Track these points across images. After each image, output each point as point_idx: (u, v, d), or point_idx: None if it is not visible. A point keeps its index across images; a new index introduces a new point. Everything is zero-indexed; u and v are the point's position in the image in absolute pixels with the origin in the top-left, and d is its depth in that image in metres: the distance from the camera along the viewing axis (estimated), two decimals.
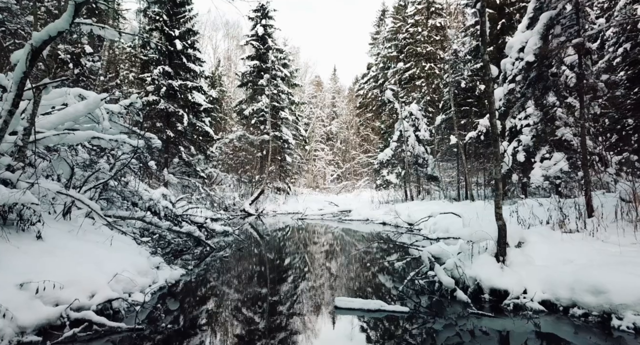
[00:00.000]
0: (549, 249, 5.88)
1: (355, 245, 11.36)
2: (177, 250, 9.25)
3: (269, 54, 25.36)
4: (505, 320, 4.56)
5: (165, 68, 18.22)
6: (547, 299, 4.77)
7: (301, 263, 8.30)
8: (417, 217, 14.21)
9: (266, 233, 14.43)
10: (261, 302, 5.46)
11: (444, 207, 15.42)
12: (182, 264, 7.58)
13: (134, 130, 7.93)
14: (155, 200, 10.22)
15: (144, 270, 5.55)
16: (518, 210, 8.31)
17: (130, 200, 9.62)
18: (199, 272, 7.15)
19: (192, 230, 8.77)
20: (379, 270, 7.54)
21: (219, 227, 12.18)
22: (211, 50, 47.36)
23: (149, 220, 7.82)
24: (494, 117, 5.65)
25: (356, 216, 18.42)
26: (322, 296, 5.74)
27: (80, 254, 5.01)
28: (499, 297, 5.06)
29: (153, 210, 10.34)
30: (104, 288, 4.38)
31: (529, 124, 12.68)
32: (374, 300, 4.96)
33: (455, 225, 8.88)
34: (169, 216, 10.85)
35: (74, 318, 3.89)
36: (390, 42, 33.87)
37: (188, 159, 18.86)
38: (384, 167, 21.06)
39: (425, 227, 13.17)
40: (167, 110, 18.03)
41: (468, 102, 17.25)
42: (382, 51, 36.18)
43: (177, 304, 5.22)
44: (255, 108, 24.27)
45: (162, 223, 8.21)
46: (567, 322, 4.43)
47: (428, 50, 28.75)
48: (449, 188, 19.56)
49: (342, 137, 47.18)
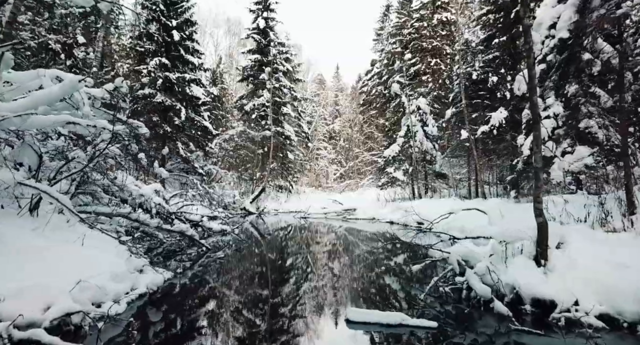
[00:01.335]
0: (595, 251, 5.01)
1: (363, 245, 10.52)
2: (171, 251, 8.44)
3: (271, 47, 24.55)
4: (557, 339, 3.70)
5: (162, 60, 17.41)
6: (606, 313, 3.91)
7: (304, 266, 7.47)
8: (427, 215, 13.36)
9: (267, 232, 13.61)
10: (258, 314, 4.63)
11: (456, 205, 14.55)
12: (173, 266, 6.77)
13: (118, 118, 7.12)
14: (147, 196, 9.43)
15: (121, 274, 4.72)
16: (548, 207, 7.44)
17: (120, 197, 8.84)
18: (190, 276, 6.32)
19: (185, 229, 7.95)
20: (392, 274, 6.69)
21: (217, 225, 11.36)
22: (212, 48, 46.65)
23: (135, 217, 7.00)
24: (534, 93, 4.80)
25: (361, 215, 17.57)
26: (331, 308, 4.88)
27: (40, 256, 4.19)
28: (544, 308, 4.20)
29: (145, 207, 9.60)
30: (63, 298, 3.55)
31: (548, 115, 11.80)
32: (394, 313, 4.12)
33: (474, 223, 8.01)
34: (162, 214, 10.05)
35: (17, 338, 3.07)
36: (394, 37, 33.04)
37: (186, 155, 18.05)
38: (390, 163, 20.19)
39: (438, 226, 12.34)
40: (164, 104, 17.21)
41: (480, 95, 16.35)
42: (387, 47, 35.44)
43: (158, 316, 4.39)
44: (256, 103, 23.45)
45: (151, 221, 7.39)
46: (636, 342, 3.57)
47: (434, 46, 27.94)
48: (458, 185, 18.67)
49: (346, 135, 46.33)
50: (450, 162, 20.19)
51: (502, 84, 15.88)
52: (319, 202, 21.55)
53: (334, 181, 43.65)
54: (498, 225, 5.65)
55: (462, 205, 9.18)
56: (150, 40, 17.84)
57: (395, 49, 32.06)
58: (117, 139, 7.07)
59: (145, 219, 7.22)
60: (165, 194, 10.62)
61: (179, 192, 11.38)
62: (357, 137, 44.21)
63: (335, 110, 53.24)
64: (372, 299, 5.25)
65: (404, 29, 30.96)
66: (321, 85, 57.35)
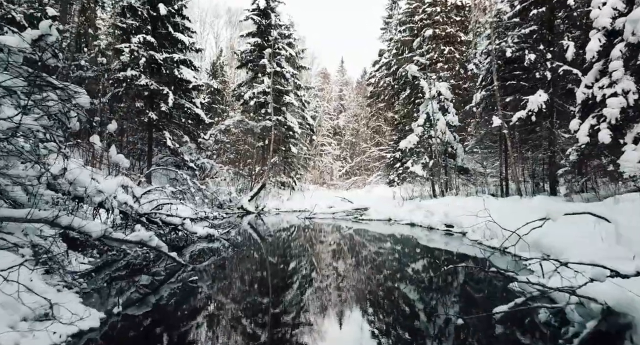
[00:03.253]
0: None
1: (396, 262, 8.28)
2: (136, 266, 6.24)
3: (272, 30, 22.29)
4: None
5: (146, 37, 15.18)
6: None
7: (318, 302, 5.18)
8: (457, 219, 11.12)
9: (267, 234, 11.37)
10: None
11: (488, 205, 12.28)
12: (127, 293, 4.58)
13: (45, 80, 4.91)
14: (108, 193, 7.27)
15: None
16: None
17: (74, 194, 6.69)
18: (138, 316, 4.08)
19: (146, 239, 5.70)
20: (460, 327, 4.43)
21: (203, 230, 9.15)
22: (212, 39, 44.56)
23: (65, 223, 4.75)
24: None
25: (375, 215, 15.30)
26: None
27: None
28: None
29: (105, 207, 7.44)
30: None
31: (615, 93, 9.52)
32: None
33: (578, 237, 5.23)
34: (130, 215, 7.88)
35: None
36: (404, 25, 30.80)
37: (174, 146, 15.85)
38: (407, 156, 17.86)
39: (471, 229, 10.10)
40: (148, 88, 15.01)
41: (514, 75, 14.03)
42: (396, 36, 33.27)
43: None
44: (256, 92, 21.19)
45: (93, 228, 5.15)
46: None
47: (447, 32, 25.73)
48: (485, 182, 16.37)
49: (351, 129, 44.13)
50: (473, 155, 17.89)
51: (540, 62, 13.57)
52: (326, 201, 19.30)
53: (339, 178, 41.54)
54: (629, 240, 3.40)
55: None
56: (134, 15, 15.62)
57: (405, 37, 29.90)
58: (43, 110, 4.85)
59: (83, 225, 4.99)
60: (136, 190, 8.42)
61: (153, 188, 9.15)
62: (364, 131, 41.95)
63: (339, 105, 51.08)
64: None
65: (414, 15, 28.78)
66: (325, 79, 55.23)
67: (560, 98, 13.60)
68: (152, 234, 5.84)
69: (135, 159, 18.26)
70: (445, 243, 9.49)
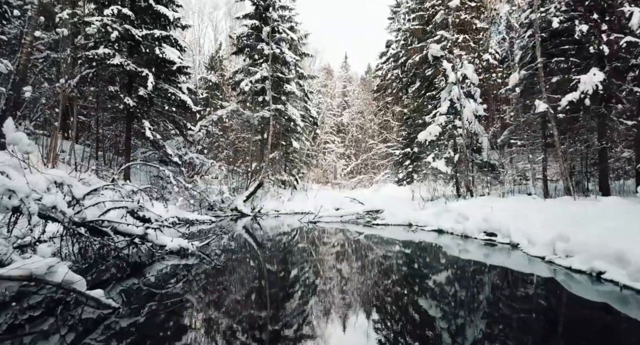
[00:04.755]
0: None
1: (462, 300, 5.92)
2: (51, 309, 3.92)
3: (272, 12, 19.94)
4: None
5: (122, 10, 12.86)
6: None
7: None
8: (498, 222, 8.79)
9: (261, 244, 8.99)
10: None
11: (541, 207, 9.92)
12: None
13: None
14: (23, 194, 4.99)
15: None
16: None
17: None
18: None
19: (40, 273, 3.34)
20: None
21: (173, 243, 6.79)
22: (211, 31, 42.38)
23: None
24: None
25: (391, 219, 12.95)
26: None
27: None
28: None
29: (22, 211, 5.18)
30: None
31: None
32: None
33: None
34: (62, 223, 5.56)
35: None
36: (414, 13, 28.51)
37: (154, 137, 13.52)
38: (428, 150, 15.48)
39: (526, 240, 7.77)
40: (124, 68, 12.69)
41: (562, 50, 11.65)
42: (405, 25, 31.11)
43: None
44: (253, 80, 18.85)
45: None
46: None
47: (462, 19, 23.46)
48: (521, 180, 13.96)
49: (357, 125, 41.81)
50: (503, 150, 15.50)
51: (594, 35, 11.20)
52: (331, 201, 16.95)
53: (343, 177, 39.32)
54: None
55: (557, 212, 4.19)
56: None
57: (415, 26, 27.62)
58: None
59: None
60: (77, 189, 6.09)
61: (102, 186, 6.78)
62: (370, 127, 39.62)
63: (343, 101, 48.81)
64: None
65: (425, 2, 26.51)
66: (328, 75, 53.03)
67: (620, 77, 11.22)
68: (55, 260, 3.48)
69: (113, 153, 15.96)
70: (501, 262, 7.09)
